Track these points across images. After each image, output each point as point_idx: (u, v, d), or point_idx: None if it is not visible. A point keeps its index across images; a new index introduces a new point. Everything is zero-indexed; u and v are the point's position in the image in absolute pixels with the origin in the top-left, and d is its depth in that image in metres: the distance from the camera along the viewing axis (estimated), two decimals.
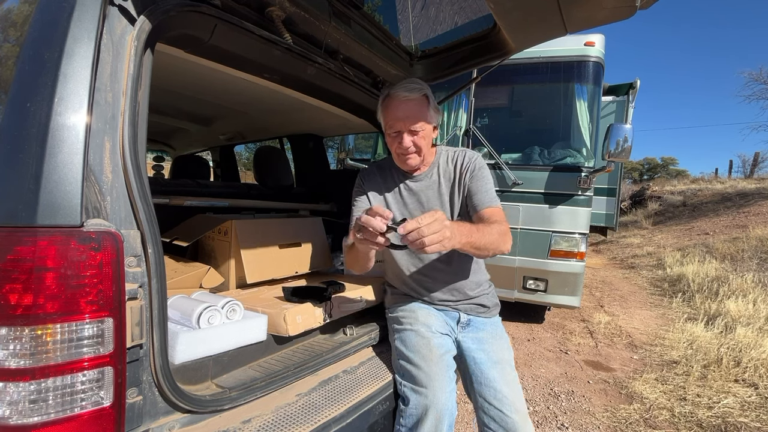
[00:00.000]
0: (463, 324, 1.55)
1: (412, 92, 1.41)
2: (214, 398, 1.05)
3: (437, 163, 1.59)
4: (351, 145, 5.65)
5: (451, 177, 1.56)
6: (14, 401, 0.68)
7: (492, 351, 1.46)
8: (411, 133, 1.43)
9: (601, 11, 1.33)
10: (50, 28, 0.76)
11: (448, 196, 1.56)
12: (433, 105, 1.48)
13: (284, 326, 1.35)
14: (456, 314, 1.57)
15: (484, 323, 1.57)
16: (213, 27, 1.14)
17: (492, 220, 1.40)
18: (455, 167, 1.56)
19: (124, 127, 0.85)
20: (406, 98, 1.40)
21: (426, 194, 1.57)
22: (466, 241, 1.17)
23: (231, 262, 1.78)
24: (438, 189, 1.57)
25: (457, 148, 1.63)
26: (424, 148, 1.48)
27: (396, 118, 1.42)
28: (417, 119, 1.41)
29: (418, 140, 1.45)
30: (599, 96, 4.27)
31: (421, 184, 1.59)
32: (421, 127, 1.43)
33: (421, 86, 1.44)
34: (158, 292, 0.89)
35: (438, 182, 1.57)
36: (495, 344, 1.49)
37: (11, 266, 0.68)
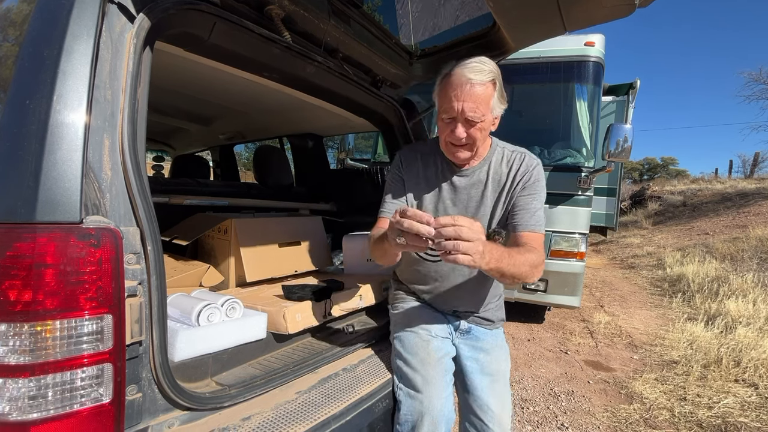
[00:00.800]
0: (462, 331, 1.48)
1: (479, 75, 1.19)
2: (214, 396, 1.05)
3: (489, 161, 1.39)
4: (351, 145, 5.65)
5: (501, 181, 1.37)
6: (14, 397, 0.68)
7: (486, 362, 1.40)
8: (467, 123, 1.23)
9: (600, 10, 1.33)
10: (50, 25, 0.77)
11: (491, 202, 1.38)
12: (500, 92, 1.26)
13: (284, 324, 1.35)
14: (457, 322, 1.48)
15: (484, 333, 1.48)
16: (212, 25, 1.14)
17: (529, 246, 1.24)
18: (509, 171, 1.37)
19: (124, 125, 0.86)
20: (469, 82, 1.19)
21: (468, 194, 1.40)
22: (495, 266, 1.04)
23: (231, 261, 1.79)
24: (482, 191, 1.38)
25: (516, 148, 1.43)
26: (478, 141, 1.29)
27: (453, 103, 1.21)
28: (477, 108, 1.20)
29: (474, 132, 1.25)
30: (599, 96, 4.27)
31: (466, 181, 1.40)
32: (480, 117, 1.22)
33: (491, 69, 1.23)
34: (158, 290, 0.89)
35: (485, 183, 1.38)
36: (492, 355, 1.42)
37: (11, 262, 0.68)
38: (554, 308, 4.83)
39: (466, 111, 1.20)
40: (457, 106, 1.21)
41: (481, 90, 1.20)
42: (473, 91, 1.19)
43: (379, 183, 2.81)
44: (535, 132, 4.40)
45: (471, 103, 1.19)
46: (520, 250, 1.20)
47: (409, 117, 2.16)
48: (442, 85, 1.26)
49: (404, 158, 1.50)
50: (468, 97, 1.19)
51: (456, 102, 1.21)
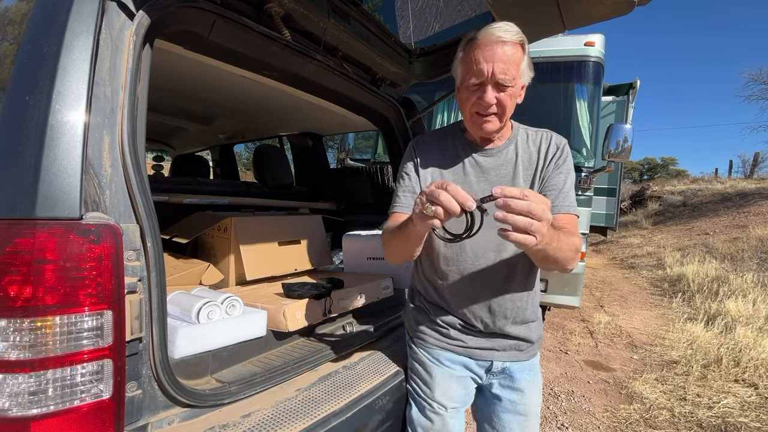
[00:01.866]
0: (494, 372, 1.28)
1: (509, 34, 1.10)
2: (214, 393, 1.05)
3: (514, 140, 1.27)
4: (351, 145, 5.65)
5: (532, 160, 1.25)
6: (14, 393, 0.68)
7: (521, 402, 1.26)
8: (498, 87, 1.11)
9: (599, 7, 1.33)
10: (49, 22, 0.77)
11: (526, 183, 1.24)
12: (529, 60, 1.17)
13: (284, 322, 1.35)
14: (488, 363, 1.28)
15: (521, 369, 1.28)
16: (212, 23, 1.14)
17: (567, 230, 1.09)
18: (539, 150, 1.25)
19: (123, 122, 0.86)
20: (500, 40, 1.09)
21: (499, 173, 1.25)
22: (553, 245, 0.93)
23: (230, 259, 1.79)
24: (514, 169, 1.24)
25: (539, 129, 1.32)
26: (508, 111, 1.16)
27: (482, 65, 1.10)
28: (508, 70, 1.09)
29: (504, 98, 1.12)
30: (599, 96, 4.27)
31: (493, 161, 1.26)
32: (512, 80, 1.11)
33: (519, 31, 1.13)
34: (157, 286, 0.89)
35: (515, 162, 1.25)
36: (526, 395, 1.26)
37: (10, 258, 0.68)
38: (554, 308, 4.83)
39: (497, 73, 1.09)
40: (486, 68, 1.09)
41: (511, 50, 1.10)
42: (504, 50, 1.09)
43: (379, 182, 2.82)
44: None
45: (502, 64, 1.09)
46: (564, 232, 1.05)
47: (409, 116, 2.16)
48: (467, 50, 1.15)
49: (418, 145, 1.37)
50: (499, 57, 1.08)
51: (485, 63, 1.09)
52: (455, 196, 0.83)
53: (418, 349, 1.35)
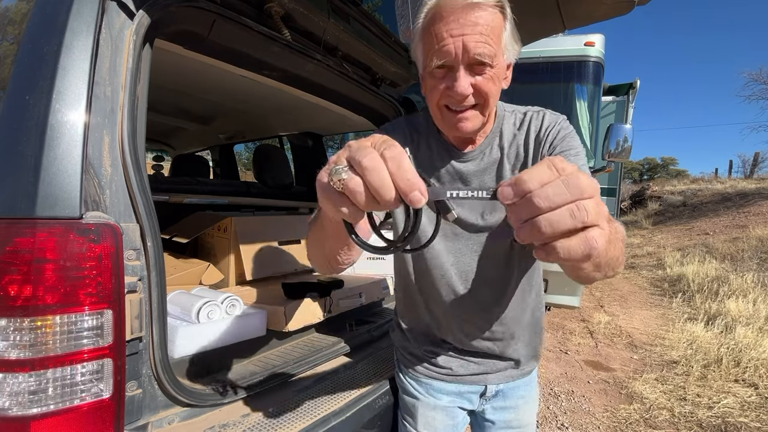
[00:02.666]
0: (488, 397, 1.13)
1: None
2: (214, 392, 1.05)
3: (498, 132, 0.98)
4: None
5: (520, 153, 0.97)
6: (14, 392, 0.69)
7: (516, 419, 1.14)
8: (473, 69, 0.81)
9: (599, 7, 1.33)
10: (49, 21, 0.77)
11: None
12: (513, 26, 0.85)
13: (283, 322, 1.35)
14: (481, 388, 1.12)
15: (515, 389, 1.13)
16: (212, 23, 1.14)
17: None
18: (527, 135, 0.97)
19: (123, 122, 0.86)
20: (471, 2, 0.77)
21: (482, 181, 0.99)
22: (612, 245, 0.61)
23: (230, 259, 1.79)
24: (498, 173, 0.98)
25: (527, 107, 1.03)
26: (491, 100, 0.85)
27: (446, 41, 0.79)
28: (486, 42, 0.78)
29: (484, 84, 0.82)
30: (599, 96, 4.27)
31: (474, 166, 0.98)
32: (492, 56, 0.79)
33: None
34: (157, 286, 0.89)
35: (499, 163, 0.98)
36: (521, 410, 1.14)
37: (10, 258, 0.68)
38: (554, 308, 4.83)
39: (471, 48, 0.78)
40: (454, 44, 0.78)
41: (488, 16, 0.78)
42: (477, 16, 0.77)
43: None
44: None
45: (477, 36, 0.77)
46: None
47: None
48: (426, 23, 0.84)
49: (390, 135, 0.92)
50: (471, 26, 0.77)
51: (451, 39, 0.78)
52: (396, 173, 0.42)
53: (403, 376, 1.18)
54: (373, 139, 0.47)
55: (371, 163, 0.42)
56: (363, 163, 0.42)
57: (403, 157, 0.43)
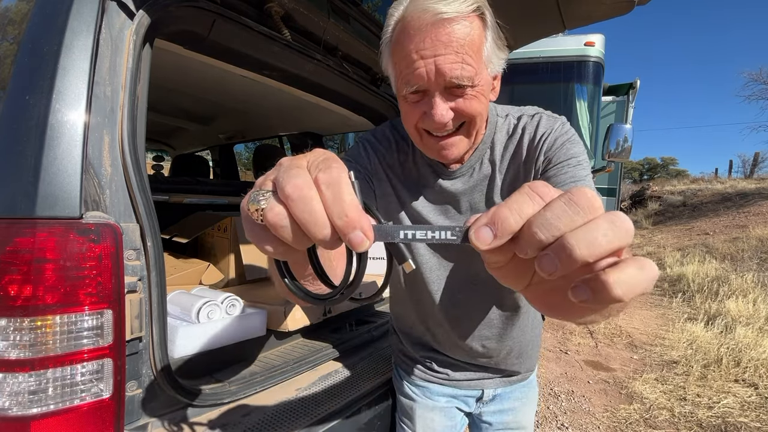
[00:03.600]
0: (485, 401, 1.12)
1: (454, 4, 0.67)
2: (214, 392, 1.05)
3: (489, 143, 0.88)
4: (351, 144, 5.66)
5: (518, 162, 0.86)
6: (14, 392, 0.69)
7: (515, 420, 1.12)
8: (449, 92, 0.72)
9: (599, 7, 1.33)
10: (49, 21, 0.77)
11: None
12: (495, 32, 0.74)
13: (284, 321, 1.35)
14: (478, 392, 1.10)
15: (512, 392, 1.12)
16: (212, 23, 1.14)
17: None
18: (519, 143, 0.86)
19: (123, 122, 0.86)
20: (441, 17, 0.67)
21: (472, 199, 0.90)
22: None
23: (230, 259, 1.79)
24: (489, 190, 0.89)
25: (521, 109, 0.91)
26: (478, 120, 0.77)
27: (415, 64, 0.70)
28: (464, 61, 0.68)
29: (467, 105, 0.73)
30: (599, 96, 4.28)
31: (460, 184, 0.89)
32: (472, 77, 0.70)
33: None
34: (157, 286, 0.89)
35: (490, 178, 0.89)
36: (520, 413, 1.13)
37: (11, 258, 0.68)
38: None
39: (445, 70, 0.68)
40: (425, 68, 0.69)
41: (462, 30, 0.68)
42: (449, 33, 0.67)
43: None
44: None
45: (451, 56, 0.68)
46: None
47: None
48: (395, 39, 0.74)
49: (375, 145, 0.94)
50: (443, 45, 0.67)
51: (422, 61, 0.69)
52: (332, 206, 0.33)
53: (401, 379, 1.17)
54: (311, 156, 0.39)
55: (297, 192, 0.33)
56: (286, 191, 0.33)
57: (343, 184, 0.33)
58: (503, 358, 1.05)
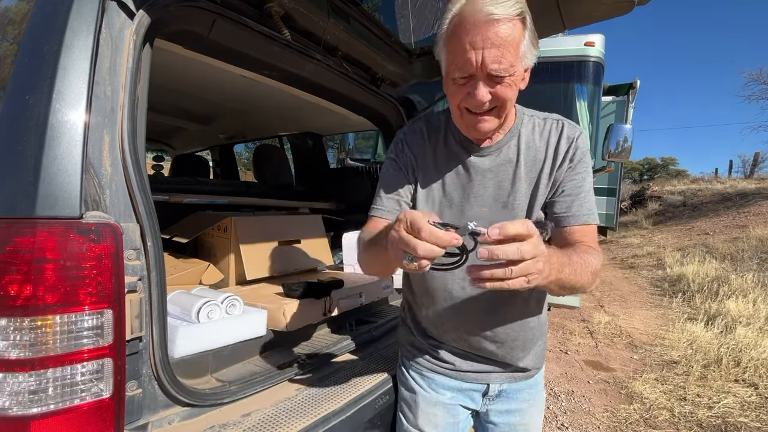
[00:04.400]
0: (491, 396, 1.13)
1: (503, 8, 0.82)
2: (214, 392, 1.05)
3: (517, 133, 1.04)
4: (351, 144, 5.65)
5: (538, 159, 1.02)
6: (14, 392, 0.69)
7: (522, 423, 1.13)
8: (491, 79, 0.87)
9: (599, 7, 1.33)
10: (50, 21, 0.77)
11: (528, 188, 1.02)
12: (532, 33, 0.89)
13: (284, 321, 1.35)
14: (484, 386, 1.12)
15: (519, 390, 1.13)
16: (212, 22, 1.14)
17: (584, 245, 0.94)
18: (548, 145, 1.02)
19: (123, 121, 0.86)
20: (490, 19, 0.82)
21: (495, 179, 1.03)
22: (554, 278, 0.76)
23: (231, 259, 1.79)
24: (514, 174, 1.02)
25: (547, 114, 1.08)
26: (508, 103, 0.93)
27: (468, 54, 0.85)
28: (503, 57, 0.84)
29: (502, 91, 0.89)
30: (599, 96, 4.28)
31: (489, 162, 1.03)
32: (508, 68, 0.86)
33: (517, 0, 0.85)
34: (158, 286, 0.89)
35: (515, 163, 1.02)
36: (527, 416, 1.14)
37: (11, 257, 0.68)
38: (554, 308, 4.83)
39: (489, 63, 0.84)
40: (475, 58, 0.84)
41: (507, 30, 0.83)
42: (497, 32, 0.83)
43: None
44: None
45: (495, 50, 0.83)
46: (577, 250, 0.90)
47: (409, 115, 2.16)
48: (450, 31, 0.89)
49: (407, 138, 1.13)
50: (490, 41, 0.83)
51: (473, 52, 0.84)
52: (436, 241, 0.66)
53: (406, 369, 1.20)
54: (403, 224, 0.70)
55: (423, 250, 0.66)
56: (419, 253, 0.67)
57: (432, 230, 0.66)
58: (509, 350, 1.08)
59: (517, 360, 1.10)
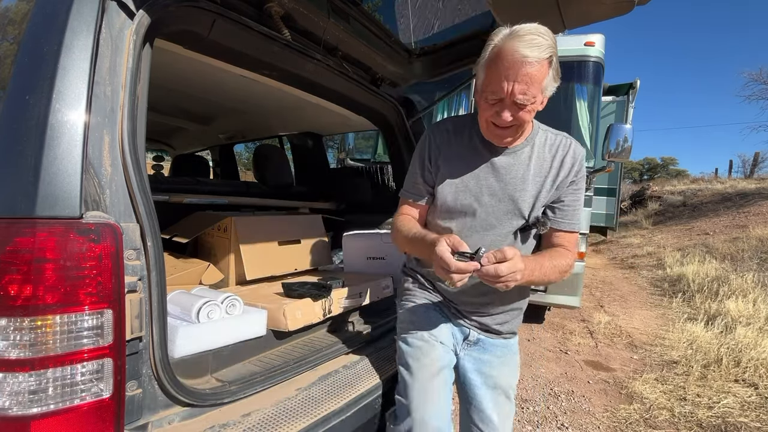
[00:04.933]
0: (470, 342, 1.35)
1: (536, 51, 1.03)
2: (214, 392, 1.05)
3: (532, 142, 1.28)
4: (351, 144, 5.65)
5: (544, 166, 1.26)
6: (14, 392, 0.69)
7: (491, 375, 1.30)
8: (515, 105, 1.09)
9: (599, 7, 1.33)
10: (49, 21, 0.77)
11: (535, 187, 1.25)
12: (555, 71, 1.11)
13: (284, 321, 1.35)
14: (467, 330, 1.35)
15: (493, 345, 1.35)
16: (212, 22, 1.15)
17: (563, 249, 1.26)
18: (554, 158, 1.27)
19: (123, 121, 0.86)
20: (525, 60, 1.03)
21: (510, 173, 1.26)
22: (527, 280, 1.10)
23: (231, 259, 1.79)
24: (525, 172, 1.25)
25: (559, 133, 1.31)
26: (526, 124, 1.18)
27: (502, 83, 1.07)
28: (528, 90, 1.06)
29: (523, 115, 1.11)
30: (599, 96, 4.27)
31: (507, 160, 1.27)
32: (531, 99, 1.08)
33: (550, 44, 1.06)
34: (157, 286, 0.89)
35: (528, 163, 1.26)
36: (497, 369, 1.31)
37: (11, 257, 0.68)
38: (554, 308, 4.83)
39: (517, 93, 1.06)
40: (506, 87, 1.06)
41: (536, 70, 1.04)
42: (528, 71, 1.04)
43: (379, 182, 2.82)
44: None
45: (523, 85, 1.05)
46: (553, 255, 1.22)
47: (409, 115, 2.16)
48: (491, 60, 1.10)
49: (433, 135, 1.36)
50: (521, 77, 1.04)
51: (506, 83, 1.06)
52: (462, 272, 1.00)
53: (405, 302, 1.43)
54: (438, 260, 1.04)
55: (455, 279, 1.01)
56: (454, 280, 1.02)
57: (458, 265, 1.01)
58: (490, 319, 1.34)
59: (495, 326, 1.35)
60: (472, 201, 1.27)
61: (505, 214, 1.26)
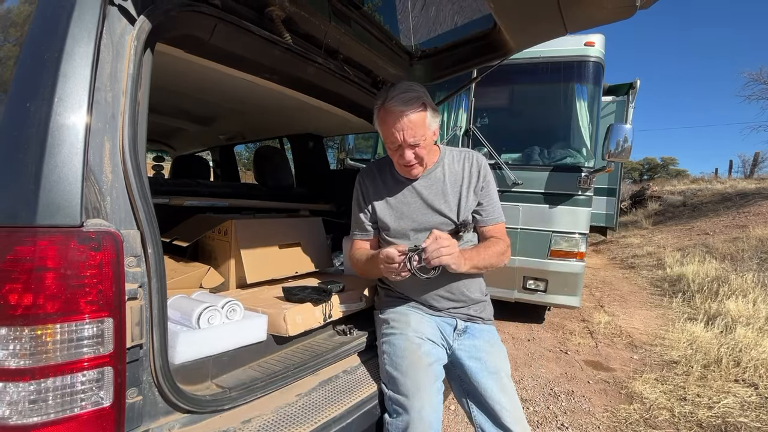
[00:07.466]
0: (459, 331, 1.50)
1: (409, 104, 1.34)
2: (214, 398, 1.05)
3: (442, 162, 1.55)
4: (351, 145, 5.65)
5: (458, 178, 1.53)
6: (14, 401, 0.68)
7: (488, 360, 1.40)
8: (411, 147, 1.38)
9: (601, 11, 1.33)
10: (50, 27, 0.76)
11: (454, 196, 1.51)
12: (432, 110, 1.41)
13: (284, 326, 1.35)
14: (453, 321, 1.52)
15: (480, 331, 1.51)
16: (213, 27, 1.14)
17: (495, 239, 1.52)
18: (463, 169, 1.53)
19: (124, 127, 0.85)
20: (403, 113, 1.33)
21: (431, 191, 1.52)
22: (471, 265, 1.37)
23: (231, 262, 1.78)
24: (442, 187, 1.52)
25: (461, 149, 1.60)
26: (425, 156, 1.44)
27: (395, 135, 1.36)
28: (416, 133, 1.35)
29: (420, 151, 1.40)
30: (599, 96, 4.26)
31: (425, 182, 1.53)
32: (421, 139, 1.37)
33: (418, 93, 1.37)
34: (158, 292, 0.89)
35: (442, 180, 1.52)
36: (491, 353, 1.43)
37: (11, 266, 0.68)
38: (554, 308, 4.83)
39: (408, 138, 1.35)
40: (399, 136, 1.36)
41: (415, 117, 1.34)
42: (409, 119, 1.33)
43: None
44: (535, 132, 4.39)
45: (410, 131, 1.34)
46: (488, 244, 1.50)
47: None
48: (380, 119, 1.40)
49: (364, 177, 1.64)
50: (406, 126, 1.34)
51: (397, 133, 1.36)
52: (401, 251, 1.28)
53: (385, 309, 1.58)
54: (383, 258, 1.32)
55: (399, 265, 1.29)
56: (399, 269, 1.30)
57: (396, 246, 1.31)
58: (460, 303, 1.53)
59: (474, 313, 1.54)
60: (408, 222, 1.52)
61: (437, 224, 1.49)
